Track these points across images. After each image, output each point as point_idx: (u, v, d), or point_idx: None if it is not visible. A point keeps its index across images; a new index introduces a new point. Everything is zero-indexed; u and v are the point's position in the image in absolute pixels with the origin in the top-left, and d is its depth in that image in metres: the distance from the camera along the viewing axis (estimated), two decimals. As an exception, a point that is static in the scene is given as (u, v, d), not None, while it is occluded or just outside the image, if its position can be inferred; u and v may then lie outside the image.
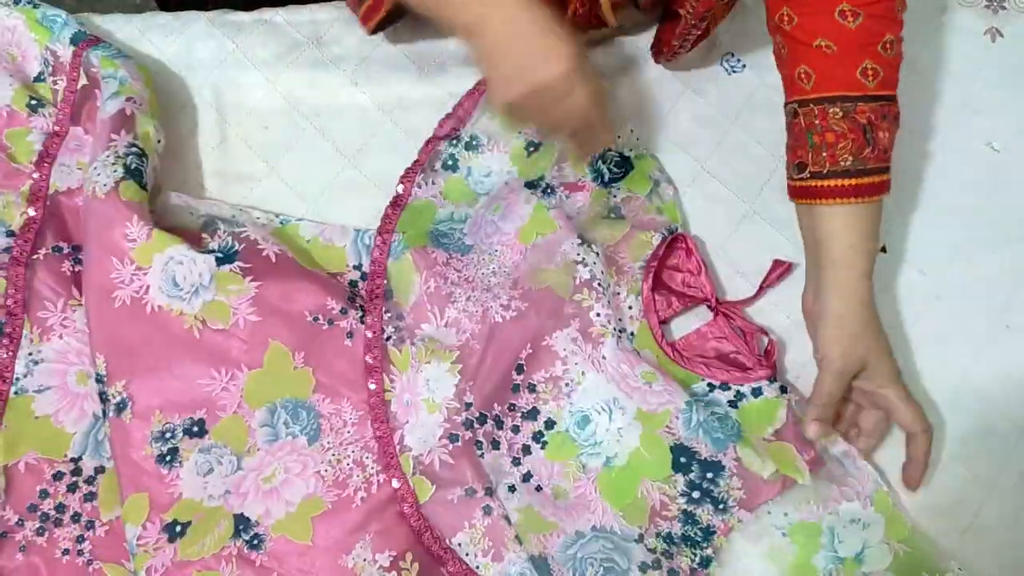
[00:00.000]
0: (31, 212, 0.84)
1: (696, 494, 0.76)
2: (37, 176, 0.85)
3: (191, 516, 0.74)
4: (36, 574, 0.75)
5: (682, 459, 0.77)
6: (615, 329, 0.81)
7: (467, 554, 0.74)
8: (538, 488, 0.77)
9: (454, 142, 0.88)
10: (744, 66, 0.97)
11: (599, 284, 0.81)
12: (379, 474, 0.77)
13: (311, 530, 0.74)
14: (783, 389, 0.80)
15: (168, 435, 0.76)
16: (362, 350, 0.80)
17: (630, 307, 0.83)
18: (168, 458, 0.75)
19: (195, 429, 0.76)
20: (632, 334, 0.82)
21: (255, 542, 0.74)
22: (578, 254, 0.81)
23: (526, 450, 0.78)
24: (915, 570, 0.75)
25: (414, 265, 0.82)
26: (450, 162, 0.88)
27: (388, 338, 0.80)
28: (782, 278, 0.86)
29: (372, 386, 0.79)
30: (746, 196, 0.91)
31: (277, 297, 0.79)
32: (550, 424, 0.79)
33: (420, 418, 0.78)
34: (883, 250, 0.87)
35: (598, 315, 0.81)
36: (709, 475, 0.76)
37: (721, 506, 0.76)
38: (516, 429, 0.79)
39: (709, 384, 0.81)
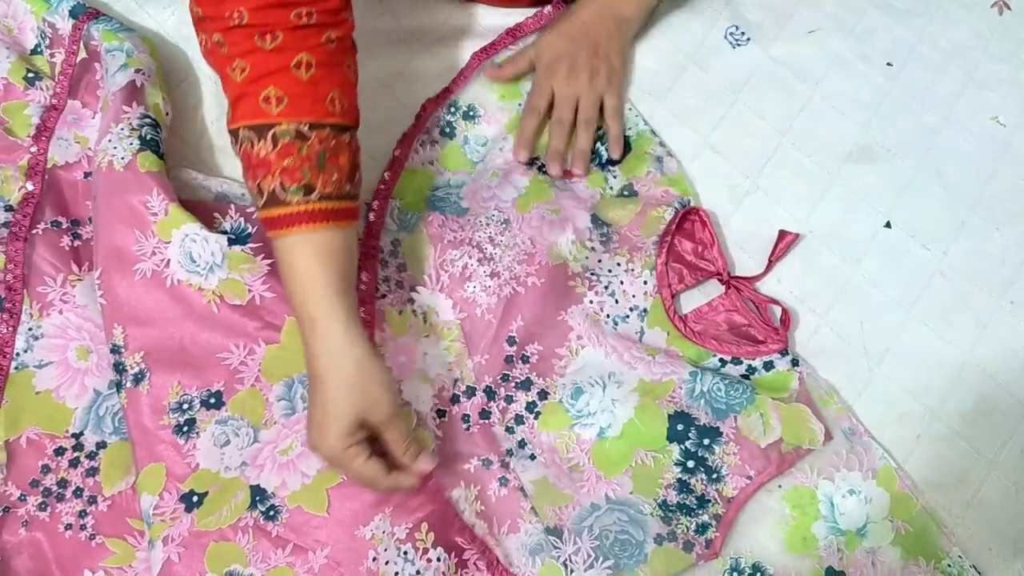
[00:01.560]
0: (29, 187, 0.86)
1: (691, 463, 0.80)
2: (35, 150, 0.87)
3: (208, 487, 0.77)
4: (39, 549, 0.78)
5: (679, 426, 0.80)
6: (617, 317, 0.85)
7: (463, 511, 0.77)
8: (531, 457, 0.81)
9: (452, 110, 0.92)
10: (748, 39, 0.98)
11: (592, 274, 0.85)
12: None
13: (327, 501, 0.76)
14: (795, 362, 0.84)
15: (186, 406, 0.78)
16: None
17: (645, 282, 0.86)
18: (185, 429, 0.78)
19: (212, 401, 0.79)
20: (645, 311, 0.86)
21: (271, 513, 0.76)
22: (570, 251, 0.85)
23: (519, 420, 0.82)
24: (913, 551, 0.79)
25: (428, 239, 0.85)
26: (448, 129, 0.92)
27: (383, 296, 0.83)
28: (790, 249, 0.89)
29: None
30: (749, 171, 0.93)
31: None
32: (543, 395, 0.83)
33: (413, 386, 0.81)
34: (887, 225, 0.90)
35: (591, 303, 0.85)
36: (705, 441, 0.80)
37: (715, 475, 0.79)
38: (509, 399, 0.83)
39: (721, 359, 0.85)
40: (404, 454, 0.73)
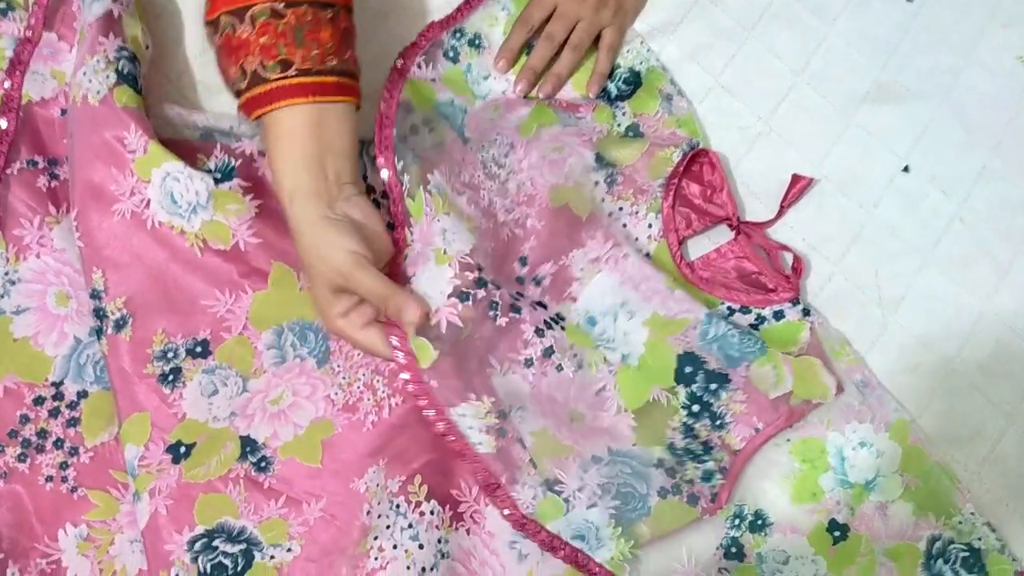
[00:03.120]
0: (3, 124, 0.85)
1: (696, 407, 0.80)
2: (8, 85, 0.86)
3: (196, 437, 0.77)
4: (18, 502, 0.78)
5: (687, 368, 0.81)
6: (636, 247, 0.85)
7: (470, 427, 0.76)
8: (559, 368, 0.80)
9: (457, 35, 0.91)
10: (762, -27, 0.97)
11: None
12: (390, 397, 0.79)
13: (320, 453, 0.77)
14: (806, 311, 0.84)
15: (171, 354, 0.78)
16: None
17: (650, 226, 0.86)
18: (171, 378, 0.78)
19: (198, 350, 0.79)
20: (648, 255, 0.86)
21: (263, 464, 0.77)
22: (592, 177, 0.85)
23: (540, 332, 0.81)
24: (924, 507, 0.80)
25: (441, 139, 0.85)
26: (451, 53, 0.91)
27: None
28: (803, 193, 0.89)
29: None
30: (762, 112, 0.93)
31: (278, 216, 0.79)
32: (559, 317, 0.83)
33: (428, 270, 0.77)
34: (905, 169, 0.90)
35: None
36: (712, 387, 0.80)
37: (718, 423, 0.80)
38: (532, 307, 0.82)
39: (729, 308, 0.85)
40: (386, 310, 0.74)
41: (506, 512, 0.76)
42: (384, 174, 0.79)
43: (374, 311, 0.75)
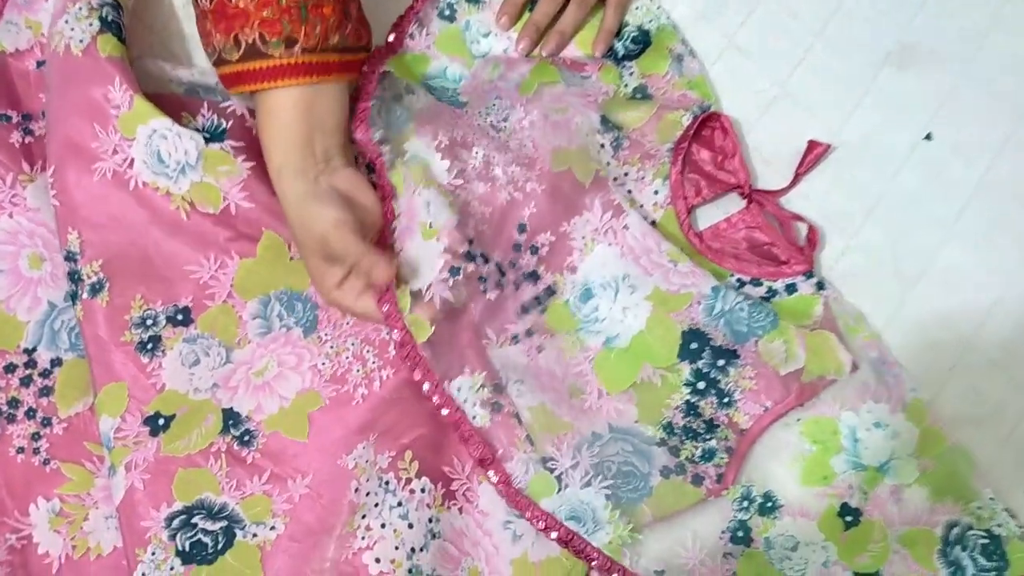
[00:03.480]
0: (-27, 76, 0.83)
1: (701, 384, 0.79)
2: (-22, 35, 0.84)
3: (175, 409, 0.76)
4: (-12, 473, 0.78)
5: (692, 345, 0.79)
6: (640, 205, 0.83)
7: (465, 400, 0.76)
8: (540, 349, 0.80)
9: None
10: (780, -72, 0.95)
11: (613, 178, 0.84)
12: (381, 370, 0.79)
13: (307, 426, 0.76)
14: (820, 285, 0.83)
15: (149, 322, 0.77)
16: None
17: (656, 192, 0.85)
18: (149, 346, 0.77)
19: (179, 317, 0.78)
20: (654, 223, 0.84)
21: (246, 438, 0.76)
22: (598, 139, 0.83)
23: (524, 309, 0.81)
24: (941, 492, 0.78)
25: (418, 114, 0.83)
26: (448, 12, 0.89)
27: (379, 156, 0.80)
28: (819, 161, 0.87)
29: None
30: (778, 76, 0.91)
31: (271, 181, 0.78)
32: (550, 292, 0.82)
33: (415, 246, 0.77)
34: (927, 137, 0.88)
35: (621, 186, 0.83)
36: (720, 363, 0.79)
37: (726, 400, 0.79)
38: (517, 286, 0.81)
39: (739, 280, 0.83)
40: (359, 272, 0.75)
41: (499, 486, 0.75)
42: (361, 142, 0.79)
43: (367, 279, 0.75)
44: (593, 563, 0.75)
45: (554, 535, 0.75)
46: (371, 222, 0.77)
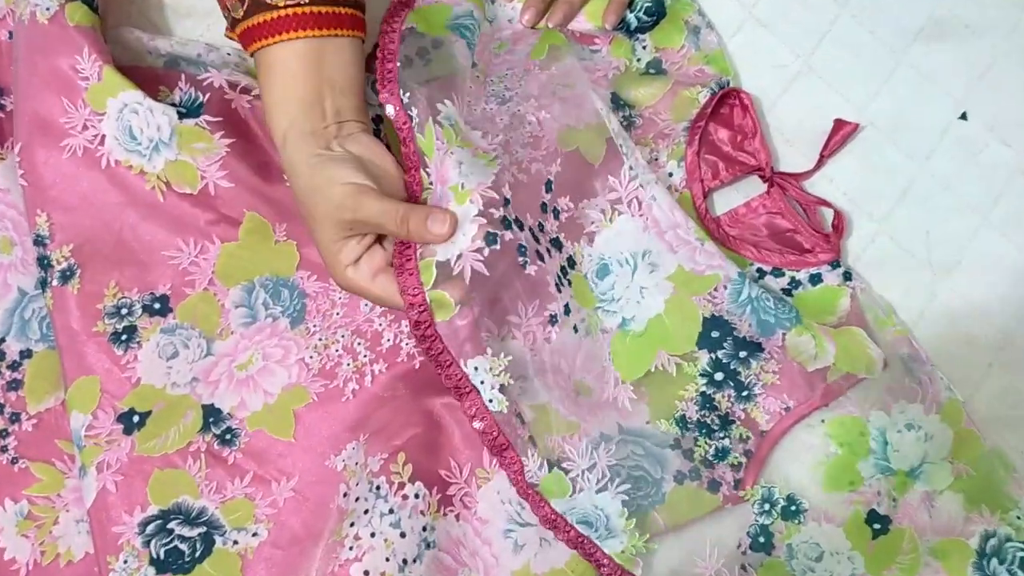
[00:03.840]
0: (-62, 47, 0.82)
1: (719, 375, 0.77)
2: (-55, 3, 0.82)
3: (151, 405, 0.74)
4: (-49, 473, 0.77)
5: (714, 333, 0.77)
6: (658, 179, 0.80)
7: (481, 382, 0.71)
8: (575, 329, 0.76)
9: None
10: None
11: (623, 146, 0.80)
12: (372, 364, 0.77)
13: (293, 425, 0.75)
14: (847, 275, 0.81)
15: (124, 311, 0.76)
16: None
17: (671, 175, 0.83)
18: (124, 337, 0.75)
19: (157, 306, 0.76)
20: None
21: (228, 437, 0.75)
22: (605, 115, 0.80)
23: (559, 281, 0.77)
24: (977, 499, 0.76)
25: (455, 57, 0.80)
26: None
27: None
28: (846, 141, 0.85)
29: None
30: (801, 50, 0.89)
31: (253, 159, 0.77)
32: (571, 263, 0.79)
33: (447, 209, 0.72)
34: (962, 116, 0.86)
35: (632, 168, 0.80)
36: (742, 354, 0.77)
37: (745, 393, 0.77)
38: (548, 252, 0.77)
39: (759, 270, 0.81)
40: (407, 232, 0.69)
41: (513, 475, 0.72)
42: (389, 111, 0.74)
43: (386, 256, 0.71)
44: (603, 570, 0.72)
45: (563, 536, 0.72)
46: (391, 193, 0.72)
